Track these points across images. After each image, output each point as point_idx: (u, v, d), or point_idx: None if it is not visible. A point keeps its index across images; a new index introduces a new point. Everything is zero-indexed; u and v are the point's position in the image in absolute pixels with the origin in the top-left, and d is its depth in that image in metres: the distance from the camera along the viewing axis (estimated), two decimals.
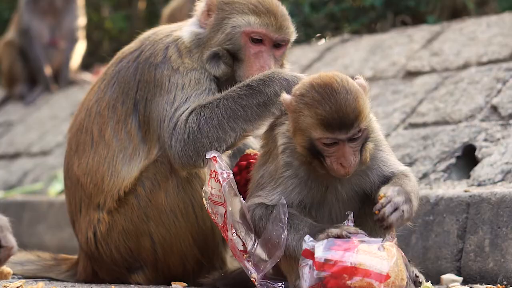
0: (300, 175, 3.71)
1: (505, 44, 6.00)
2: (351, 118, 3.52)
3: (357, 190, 3.75)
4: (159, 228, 4.25)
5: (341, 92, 3.54)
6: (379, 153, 3.76)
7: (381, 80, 6.50)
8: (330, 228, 3.53)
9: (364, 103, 3.58)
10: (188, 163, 4.10)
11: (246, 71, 4.18)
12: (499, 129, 5.24)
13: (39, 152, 8.82)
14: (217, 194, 3.79)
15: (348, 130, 3.53)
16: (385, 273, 3.40)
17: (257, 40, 4.17)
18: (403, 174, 3.74)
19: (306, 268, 3.49)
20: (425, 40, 6.72)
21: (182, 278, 4.33)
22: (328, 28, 8.33)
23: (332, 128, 3.53)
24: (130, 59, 4.37)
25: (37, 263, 4.76)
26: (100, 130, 4.36)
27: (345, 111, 3.52)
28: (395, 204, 3.52)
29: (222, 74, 4.21)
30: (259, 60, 4.17)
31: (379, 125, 3.84)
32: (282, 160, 3.72)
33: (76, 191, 4.41)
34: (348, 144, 3.56)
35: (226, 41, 4.19)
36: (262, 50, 4.18)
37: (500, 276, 4.37)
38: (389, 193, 3.54)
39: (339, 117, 3.52)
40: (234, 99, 4.05)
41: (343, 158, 3.55)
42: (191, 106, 4.11)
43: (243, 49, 4.18)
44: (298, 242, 3.58)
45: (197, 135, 4.05)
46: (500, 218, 4.44)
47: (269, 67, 4.15)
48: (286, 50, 4.27)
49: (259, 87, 4.03)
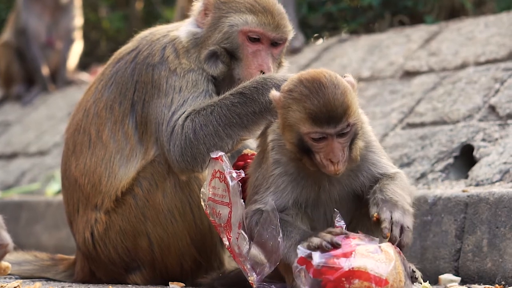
0: (290, 172, 3.70)
1: (503, 44, 6.00)
2: (339, 112, 3.52)
3: (349, 190, 3.74)
4: (157, 228, 4.25)
5: (329, 87, 3.54)
6: (370, 154, 3.75)
7: (379, 80, 6.50)
8: (312, 237, 3.50)
9: (353, 98, 3.58)
10: (187, 168, 4.10)
11: (244, 70, 4.18)
12: (497, 129, 5.23)
13: (37, 152, 8.81)
14: (221, 194, 3.77)
15: (337, 124, 3.53)
16: (384, 277, 3.38)
17: (255, 39, 4.17)
18: (393, 176, 3.71)
19: (301, 273, 3.47)
20: (423, 40, 6.72)
21: (180, 278, 4.32)
22: (326, 28, 8.33)
23: (320, 122, 3.52)
24: (128, 60, 4.37)
25: (34, 263, 4.76)
26: (98, 131, 4.35)
27: (333, 105, 3.52)
28: (397, 223, 3.50)
29: (220, 73, 4.20)
30: (257, 58, 4.17)
31: (371, 127, 3.84)
32: (271, 158, 3.72)
33: (74, 192, 4.40)
34: (336, 139, 3.55)
35: (224, 40, 4.19)
36: (260, 49, 4.18)
37: (498, 276, 4.37)
38: (386, 215, 3.51)
39: (327, 111, 3.52)
40: (228, 107, 4.05)
41: (332, 153, 3.54)
42: (187, 111, 4.11)
43: (240, 48, 4.18)
44: (290, 249, 3.57)
45: (193, 141, 4.06)
46: (498, 218, 4.43)
47: (267, 66, 4.14)
48: (284, 49, 4.27)
49: (253, 96, 4.03)
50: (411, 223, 3.56)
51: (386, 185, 3.64)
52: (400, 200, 3.58)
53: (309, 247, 3.45)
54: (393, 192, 3.60)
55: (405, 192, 3.67)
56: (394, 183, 3.67)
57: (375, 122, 5.91)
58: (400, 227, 3.50)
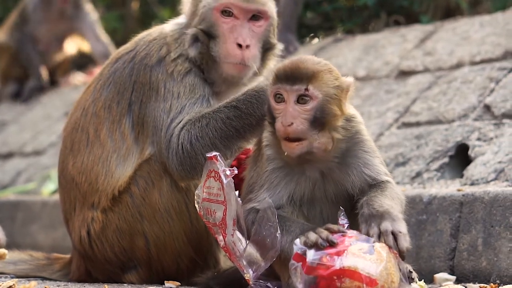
0: (283, 167, 3.70)
1: (498, 43, 6.01)
2: (301, 72, 3.59)
3: (342, 188, 3.74)
4: (153, 227, 4.25)
5: (303, 58, 3.66)
6: (362, 153, 3.74)
7: (375, 79, 6.50)
8: (310, 232, 3.51)
9: (325, 76, 3.62)
10: (187, 176, 4.14)
11: (221, 46, 4.19)
12: (492, 128, 5.24)
13: (32, 152, 8.80)
14: (216, 193, 3.78)
15: (294, 82, 3.58)
16: (374, 277, 3.39)
17: (228, 13, 4.18)
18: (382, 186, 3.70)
19: (297, 270, 3.48)
20: (419, 40, 6.72)
21: (176, 277, 4.33)
22: (322, 27, 8.33)
23: (280, 79, 3.61)
24: (126, 60, 4.39)
25: (30, 262, 4.76)
26: (96, 130, 4.36)
27: (297, 66, 3.61)
28: (387, 232, 3.47)
29: (199, 54, 4.22)
30: (233, 33, 4.17)
31: (367, 127, 3.85)
32: (265, 154, 3.74)
33: (71, 190, 4.41)
34: (294, 104, 3.58)
35: (201, 22, 4.24)
36: (235, 24, 4.18)
37: (493, 275, 4.38)
38: (374, 231, 3.48)
39: (290, 69, 3.61)
40: (224, 121, 4.06)
41: (284, 116, 3.58)
42: (184, 119, 4.13)
43: (216, 25, 4.20)
44: (291, 244, 3.56)
45: (190, 152, 4.08)
46: (493, 217, 4.44)
47: (243, 38, 4.15)
48: (270, 27, 4.26)
49: (248, 110, 4.04)
50: (404, 227, 3.52)
51: (374, 197, 3.62)
52: (388, 209, 3.54)
53: (305, 243, 3.46)
54: (380, 204, 3.57)
55: (394, 201, 3.64)
56: (383, 194, 3.64)
57: (371, 121, 5.92)
58: (391, 235, 3.48)
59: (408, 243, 3.51)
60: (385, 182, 3.72)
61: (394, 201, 3.64)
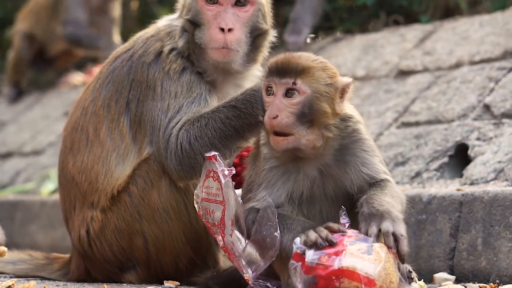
0: (280, 165, 3.70)
1: (497, 43, 6.01)
2: (290, 66, 3.61)
3: (341, 186, 3.73)
4: (152, 227, 4.25)
5: (299, 54, 3.68)
6: (361, 152, 3.74)
7: (374, 79, 6.50)
8: (310, 230, 3.50)
9: (316, 72, 3.62)
10: (186, 176, 4.13)
11: (205, 33, 4.19)
12: (491, 128, 5.24)
13: (31, 152, 8.80)
14: (215, 193, 3.77)
15: (283, 75, 3.60)
16: (372, 277, 3.39)
17: (212, 0, 4.19)
18: (381, 184, 3.69)
19: (297, 270, 3.47)
20: (418, 39, 6.72)
21: (175, 277, 4.32)
22: (321, 27, 8.33)
23: (271, 72, 3.65)
24: (124, 58, 4.40)
25: (29, 262, 4.75)
26: (95, 129, 4.37)
27: (288, 61, 3.64)
28: (388, 233, 3.45)
29: (186, 44, 4.24)
30: (217, 19, 4.18)
31: (366, 126, 3.85)
32: (262, 153, 3.74)
33: (71, 189, 4.41)
34: (281, 97, 3.61)
35: (187, 12, 4.27)
36: (220, 10, 4.19)
37: (492, 274, 4.38)
38: (373, 230, 3.47)
39: (281, 63, 3.65)
40: (223, 121, 4.06)
41: (271, 108, 3.61)
42: (182, 119, 4.13)
43: (200, 13, 4.22)
44: (292, 242, 3.55)
45: (189, 152, 4.08)
46: (492, 217, 4.44)
47: (226, 23, 4.15)
48: (258, 11, 4.25)
49: (247, 110, 4.03)
50: (404, 230, 3.50)
51: (373, 196, 3.60)
52: (388, 208, 3.52)
53: (305, 242, 3.45)
54: (380, 203, 3.55)
55: (394, 199, 3.63)
56: (383, 193, 3.63)
57: (370, 121, 5.92)
58: (392, 236, 3.46)
59: (407, 247, 3.50)
60: (385, 180, 3.72)
61: (394, 199, 3.62)
